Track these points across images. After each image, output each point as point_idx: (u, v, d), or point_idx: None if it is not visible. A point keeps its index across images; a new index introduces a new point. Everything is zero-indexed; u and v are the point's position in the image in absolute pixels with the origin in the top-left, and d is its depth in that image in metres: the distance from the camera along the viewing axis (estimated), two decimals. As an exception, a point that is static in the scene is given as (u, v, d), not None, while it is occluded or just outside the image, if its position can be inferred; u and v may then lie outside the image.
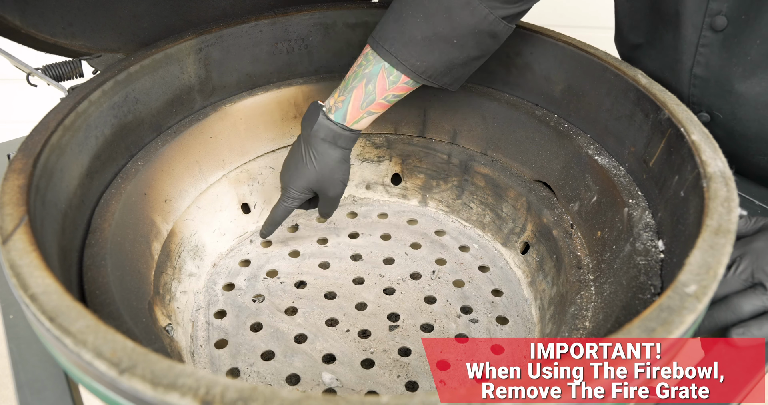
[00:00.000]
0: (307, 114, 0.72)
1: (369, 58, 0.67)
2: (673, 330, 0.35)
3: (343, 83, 0.69)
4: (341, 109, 0.69)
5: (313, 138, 0.70)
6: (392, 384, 0.64)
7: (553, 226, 0.71)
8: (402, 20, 0.63)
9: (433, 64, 0.64)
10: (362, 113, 0.69)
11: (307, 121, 0.71)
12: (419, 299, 0.75)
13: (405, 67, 0.64)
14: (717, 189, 0.45)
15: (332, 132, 0.70)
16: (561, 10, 1.71)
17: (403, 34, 0.63)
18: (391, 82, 0.66)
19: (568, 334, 0.57)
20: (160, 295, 0.64)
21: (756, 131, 0.70)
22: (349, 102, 0.68)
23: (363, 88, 0.67)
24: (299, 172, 0.73)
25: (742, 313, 0.47)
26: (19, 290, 0.37)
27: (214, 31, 0.75)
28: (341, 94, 0.69)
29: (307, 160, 0.72)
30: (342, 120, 0.70)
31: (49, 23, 0.65)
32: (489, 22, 0.62)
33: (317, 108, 0.71)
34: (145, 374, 0.31)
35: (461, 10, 0.61)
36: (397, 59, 0.64)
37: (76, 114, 0.57)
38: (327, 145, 0.71)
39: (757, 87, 0.67)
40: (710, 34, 0.67)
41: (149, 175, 0.67)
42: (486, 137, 0.82)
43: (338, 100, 0.69)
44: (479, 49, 0.65)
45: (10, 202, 0.43)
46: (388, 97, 0.68)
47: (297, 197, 0.75)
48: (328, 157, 0.72)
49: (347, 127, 0.70)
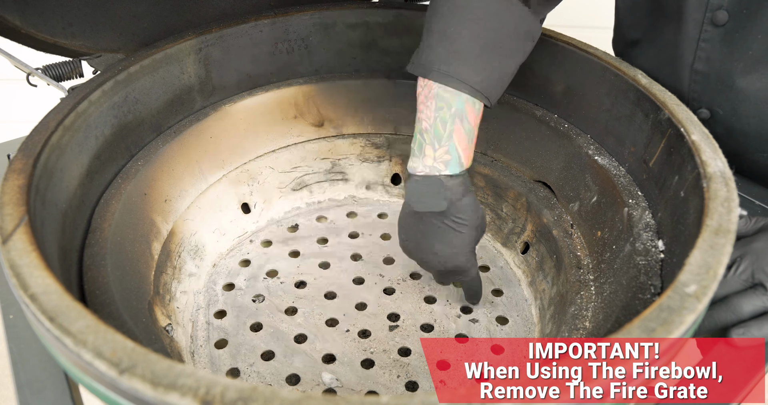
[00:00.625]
0: (416, 196, 0.62)
1: (443, 95, 0.58)
2: (673, 330, 0.35)
3: (427, 136, 0.60)
4: (453, 160, 0.60)
5: (452, 205, 0.61)
6: (392, 384, 0.64)
7: (553, 226, 0.71)
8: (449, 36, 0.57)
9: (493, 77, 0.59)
10: (472, 150, 0.62)
11: (427, 200, 0.61)
12: (419, 299, 0.75)
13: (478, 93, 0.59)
14: (717, 189, 0.45)
15: (464, 184, 0.62)
16: (561, 10, 1.71)
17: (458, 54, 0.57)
18: (477, 109, 0.60)
19: (568, 334, 0.57)
20: (160, 295, 0.64)
21: (756, 128, 0.70)
22: (455, 149, 0.60)
23: (461, 127, 0.59)
24: (459, 245, 0.64)
25: (742, 313, 0.47)
26: (19, 290, 0.37)
27: (214, 31, 0.75)
28: (438, 147, 0.60)
29: (459, 228, 0.63)
30: (459, 168, 0.61)
31: (49, 23, 0.65)
32: (528, 21, 0.59)
33: (425, 181, 0.61)
34: (145, 374, 0.31)
35: (506, 11, 0.57)
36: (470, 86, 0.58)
37: (76, 114, 0.57)
38: (465, 197, 0.62)
39: (758, 83, 0.67)
40: (711, 29, 0.67)
41: (149, 175, 0.67)
42: (486, 137, 0.82)
43: (440, 155, 0.60)
44: (523, 54, 0.61)
45: (10, 202, 0.43)
46: (479, 124, 0.62)
47: (474, 263, 0.66)
48: (472, 205, 0.63)
49: (465, 171, 0.62)
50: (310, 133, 0.86)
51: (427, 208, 0.62)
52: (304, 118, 0.85)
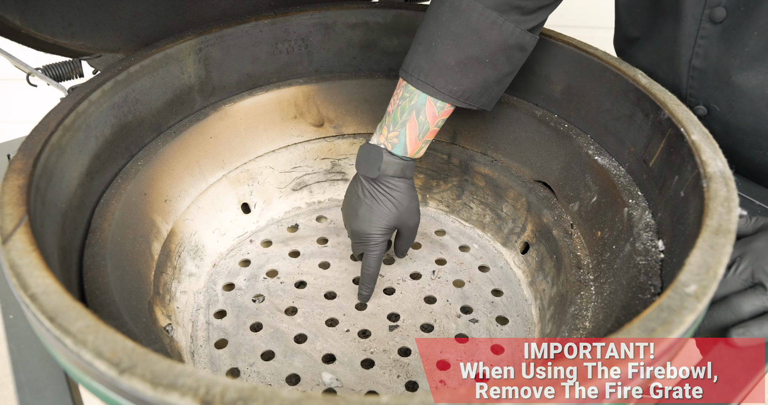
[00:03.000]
0: (361, 158, 0.71)
1: (410, 89, 0.66)
2: (673, 330, 0.35)
3: (388, 118, 0.69)
4: (399, 144, 0.69)
5: (383, 177, 0.70)
6: (392, 384, 0.64)
7: (553, 226, 0.71)
8: (433, 49, 0.63)
9: (470, 86, 0.64)
10: (420, 144, 0.69)
11: (366, 164, 0.70)
12: (419, 299, 0.75)
13: (444, 95, 0.64)
14: (717, 189, 0.45)
15: (400, 165, 0.70)
16: (561, 10, 1.71)
17: (436, 63, 0.63)
18: (438, 108, 0.67)
19: (568, 334, 0.57)
20: (160, 295, 0.64)
21: (752, 124, 0.70)
22: (405, 135, 0.68)
23: (415, 119, 0.67)
24: (377, 214, 0.71)
25: (742, 313, 0.47)
26: (19, 290, 0.37)
27: (214, 31, 0.75)
28: (392, 130, 0.68)
29: (382, 201, 0.71)
30: (403, 153, 0.69)
31: (49, 23, 0.65)
32: (516, 36, 0.63)
33: (372, 148, 0.70)
34: (145, 374, 0.31)
35: (489, 29, 0.61)
36: (435, 88, 0.64)
37: (76, 114, 0.57)
38: (397, 179, 0.71)
39: (754, 79, 0.67)
40: (709, 26, 0.68)
41: (149, 175, 0.67)
42: (486, 137, 0.82)
43: (390, 136, 0.69)
44: (510, 64, 0.65)
45: (10, 202, 0.43)
46: (438, 123, 0.68)
47: (383, 241, 0.73)
48: (402, 189, 0.71)
49: (410, 158, 0.70)
50: (310, 133, 0.86)
51: (363, 172, 0.71)
52: (304, 118, 0.85)
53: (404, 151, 0.69)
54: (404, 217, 0.73)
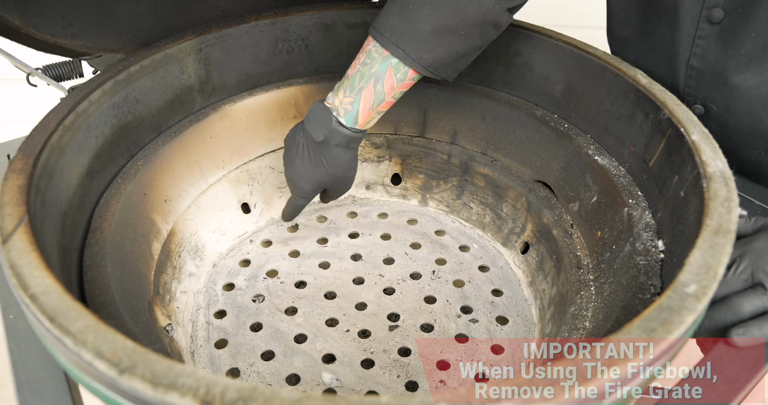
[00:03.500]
0: (312, 115, 0.70)
1: (373, 55, 0.65)
2: (673, 330, 0.35)
3: (346, 82, 0.68)
4: (351, 112, 0.68)
5: (326, 144, 0.70)
6: (392, 384, 0.64)
7: (553, 226, 0.71)
8: (408, 12, 0.62)
9: (441, 56, 0.64)
10: (373, 114, 0.69)
11: (315, 124, 0.70)
12: (419, 299, 0.75)
13: (413, 61, 0.63)
14: (717, 189, 0.45)
15: (346, 137, 0.69)
16: (561, 10, 1.71)
17: (411, 27, 0.62)
18: (398, 79, 0.65)
19: (568, 334, 0.57)
20: (160, 295, 0.64)
21: (748, 124, 0.70)
22: (359, 104, 0.67)
23: (372, 88, 0.66)
24: (311, 173, 0.73)
25: (742, 313, 0.47)
26: (19, 290, 0.37)
27: (214, 31, 0.75)
28: (347, 95, 0.67)
29: (319, 164, 0.72)
30: (354, 123, 0.69)
31: (49, 23, 0.65)
32: (495, 12, 0.62)
33: (324, 111, 0.69)
34: (145, 374, 0.31)
35: (469, 1, 0.61)
36: (405, 53, 0.63)
37: (76, 114, 0.57)
38: (340, 149, 0.71)
39: (750, 80, 0.67)
40: (707, 27, 0.68)
41: (149, 175, 0.67)
42: (486, 137, 0.82)
43: (345, 102, 0.68)
44: (482, 39, 0.65)
45: (10, 202, 0.43)
46: (395, 94, 0.68)
47: (309, 196, 0.77)
48: (342, 159, 0.72)
49: (359, 130, 0.70)
50: (310, 133, 0.86)
51: (309, 130, 0.71)
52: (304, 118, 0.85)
53: (355, 120, 0.68)
54: (337, 184, 0.76)
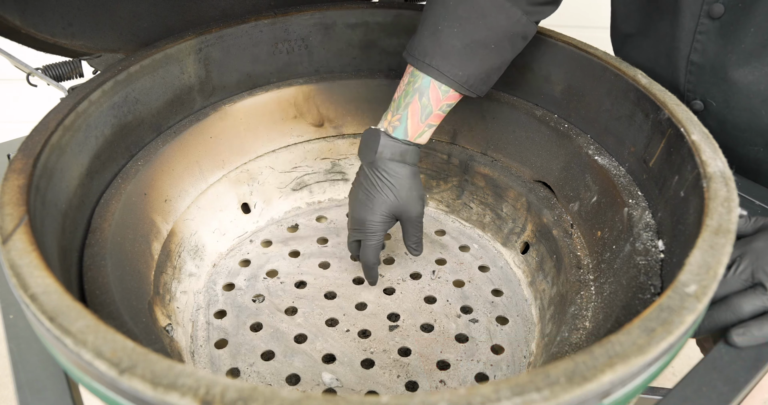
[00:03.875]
0: (364, 143, 0.70)
1: (415, 73, 0.65)
2: (673, 330, 0.34)
3: (393, 104, 0.68)
4: (400, 126, 0.67)
5: (380, 160, 0.68)
6: (392, 384, 0.64)
7: (553, 226, 0.71)
8: (438, 33, 0.63)
9: (474, 72, 0.64)
10: (423, 127, 0.68)
11: (367, 149, 0.69)
12: (419, 299, 0.75)
13: (448, 78, 0.64)
14: (717, 189, 0.45)
15: (399, 149, 0.67)
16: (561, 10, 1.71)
17: (441, 46, 0.63)
18: (443, 92, 0.65)
19: (568, 334, 0.57)
20: (160, 295, 0.64)
21: (747, 120, 0.70)
22: (407, 118, 0.67)
23: (418, 102, 0.66)
24: (375, 201, 0.69)
25: (742, 313, 0.47)
26: (19, 290, 0.37)
27: (214, 31, 0.75)
28: (395, 114, 0.67)
29: (380, 186, 0.69)
30: (404, 136, 0.67)
31: (49, 23, 0.65)
32: (522, 23, 0.63)
33: (373, 133, 0.68)
34: (145, 374, 0.31)
35: (497, 14, 0.62)
36: (440, 71, 0.63)
37: (76, 114, 0.57)
38: (396, 163, 0.68)
39: (750, 76, 0.67)
40: (707, 22, 0.68)
41: (149, 175, 0.67)
42: (486, 137, 0.82)
43: (393, 120, 0.67)
44: (513, 51, 0.66)
45: (10, 202, 0.43)
46: (443, 107, 0.67)
47: (380, 230, 0.71)
48: (401, 174, 0.68)
49: (411, 142, 0.68)
50: (310, 133, 0.86)
51: (361, 156, 0.70)
52: (304, 118, 0.85)
53: (405, 133, 0.67)
54: (404, 205, 0.70)
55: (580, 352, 0.33)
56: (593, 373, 0.31)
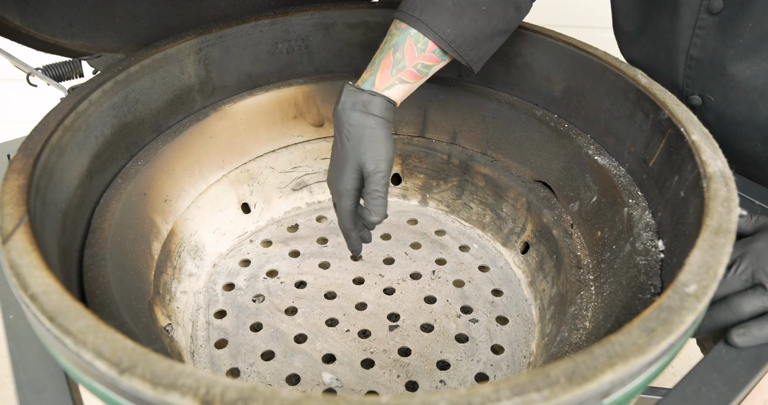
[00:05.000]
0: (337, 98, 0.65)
1: (393, 31, 0.64)
2: (673, 330, 0.34)
3: (370, 62, 0.66)
4: (369, 79, 0.64)
5: (342, 111, 0.63)
6: (392, 384, 0.64)
7: (553, 226, 0.71)
8: None
9: (463, 32, 0.63)
10: (392, 79, 0.64)
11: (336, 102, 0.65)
12: (419, 299, 0.75)
13: (435, 34, 0.62)
14: (717, 189, 0.45)
15: (362, 98, 0.63)
16: (561, 10, 1.71)
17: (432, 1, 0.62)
18: (419, 49, 0.63)
19: (568, 334, 0.57)
20: (160, 295, 0.64)
21: (745, 115, 0.71)
22: (377, 71, 0.64)
23: (391, 56, 0.64)
24: (337, 156, 0.65)
25: (742, 313, 0.47)
26: (19, 290, 0.37)
27: (214, 31, 0.75)
28: (368, 70, 0.65)
29: (341, 139, 0.64)
30: (371, 87, 0.64)
31: (49, 23, 0.65)
32: None
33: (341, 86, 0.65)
34: (145, 374, 0.31)
35: None
36: (428, 26, 0.62)
37: (76, 114, 0.57)
38: (358, 113, 0.63)
39: (748, 70, 0.68)
40: (707, 17, 0.68)
41: (149, 175, 0.67)
42: (486, 137, 0.82)
43: (365, 76, 0.65)
44: (505, 19, 0.65)
45: (10, 202, 0.43)
46: (417, 65, 0.64)
47: (347, 188, 0.65)
48: (362, 124, 0.63)
49: (377, 93, 0.63)
50: (310, 133, 0.86)
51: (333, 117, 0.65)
52: (304, 118, 0.85)
53: (372, 84, 0.64)
54: (362, 155, 0.63)
55: (580, 352, 0.33)
56: (593, 373, 0.31)
